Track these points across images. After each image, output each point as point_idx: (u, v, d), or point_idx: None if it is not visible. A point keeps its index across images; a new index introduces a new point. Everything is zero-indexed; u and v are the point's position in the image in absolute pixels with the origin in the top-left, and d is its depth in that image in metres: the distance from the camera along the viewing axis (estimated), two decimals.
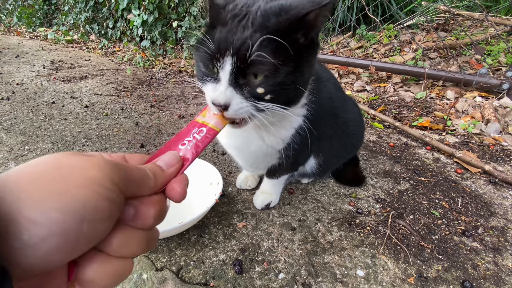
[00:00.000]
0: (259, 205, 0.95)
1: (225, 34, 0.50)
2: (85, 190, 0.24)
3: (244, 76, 0.52)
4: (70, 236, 0.23)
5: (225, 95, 0.51)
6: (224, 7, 0.53)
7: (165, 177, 0.34)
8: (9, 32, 4.51)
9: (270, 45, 0.49)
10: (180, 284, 0.70)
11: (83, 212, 0.23)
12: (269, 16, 0.50)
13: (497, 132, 1.53)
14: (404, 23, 2.62)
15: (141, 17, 2.95)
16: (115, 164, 0.28)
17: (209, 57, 0.52)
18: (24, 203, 0.21)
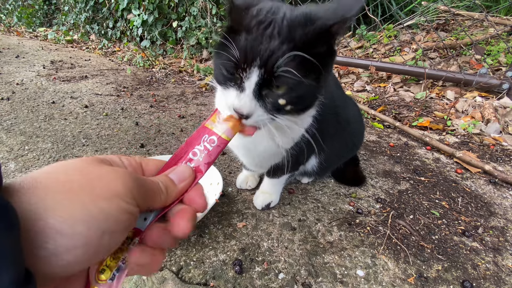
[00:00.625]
0: (259, 205, 0.95)
1: (251, 43, 0.49)
2: (109, 203, 0.25)
3: (268, 87, 0.52)
4: (91, 247, 0.24)
5: (250, 106, 0.51)
6: (246, 11, 0.52)
7: (176, 192, 0.35)
8: (9, 32, 4.51)
9: (297, 58, 0.49)
10: (180, 284, 0.70)
11: (105, 225, 0.24)
12: (295, 26, 0.49)
13: (497, 132, 1.53)
14: (404, 23, 2.62)
15: (141, 17, 2.95)
16: (136, 178, 0.29)
17: (233, 65, 0.51)
18: (52, 212, 0.22)
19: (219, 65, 0.55)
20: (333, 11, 0.48)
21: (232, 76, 0.53)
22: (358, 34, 2.78)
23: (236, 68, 0.51)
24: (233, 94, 0.53)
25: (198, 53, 2.94)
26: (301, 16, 0.49)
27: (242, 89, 0.52)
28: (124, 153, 1.27)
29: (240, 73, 0.51)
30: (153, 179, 0.33)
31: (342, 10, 0.47)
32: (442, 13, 2.64)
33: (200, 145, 0.41)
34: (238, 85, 0.53)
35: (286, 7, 0.52)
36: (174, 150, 1.32)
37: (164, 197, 0.33)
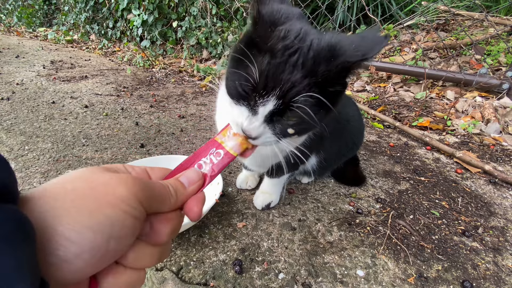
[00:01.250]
0: (259, 205, 0.95)
1: (273, 70, 0.48)
2: (114, 209, 0.26)
3: (280, 115, 0.51)
4: (98, 252, 0.25)
5: (259, 130, 0.51)
6: (273, 27, 0.50)
7: (186, 195, 0.35)
8: (9, 32, 4.51)
9: (315, 97, 0.49)
10: (180, 284, 0.70)
11: (110, 231, 0.25)
12: (319, 59, 0.48)
13: (497, 132, 1.53)
14: (404, 23, 2.62)
15: (141, 17, 2.95)
16: (141, 182, 0.29)
17: (251, 87, 0.50)
18: (61, 220, 0.23)
19: (235, 80, 0.52)
20: (356, 47, 0.47)
21: (247, 95, 0.51)
22: None
23: (253, 90, 0.50)
24: (243, 114, 0.52)
25: (198, 53, 2.94)
26: (326, 48, 0.48)
27: (255, 112, 0.51)
28: (124, 153, 1.27)
29: (256, 97, 0.50)
30: (162, 182, 0.33)
31: (365, 49, 0.47)
32: (442, 13, 2.64)
33: (206, 158, 0.41)
34: (251, 106, 0.51)
35: (314, 34, 0.50)
36: (174, 150, 1.32)
37: (174, 200, 0.33)
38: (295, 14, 0.53)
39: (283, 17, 0.51)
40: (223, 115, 0.78)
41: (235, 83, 0.52)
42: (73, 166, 1.15)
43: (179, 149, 1.33)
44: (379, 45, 0.48)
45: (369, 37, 0.49)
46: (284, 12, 0.52)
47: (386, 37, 0.48)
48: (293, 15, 0.52)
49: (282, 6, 0.53)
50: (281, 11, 0.52)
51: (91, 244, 0.24)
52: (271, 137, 0.54)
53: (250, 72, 0.49)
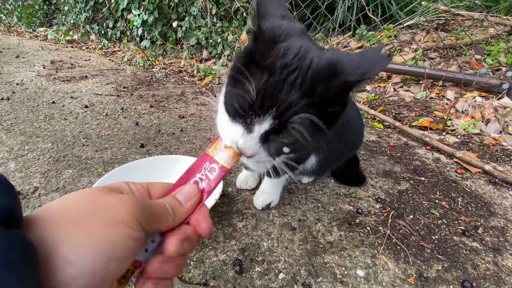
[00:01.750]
0: (260, 205, 0.95)
1: (271, 89, 0.47)
2: (115, 231, 0.26)
3: (276, 134, 0.50)
4: (98, 274, 0.25)
5: (254, 149, 0.51)
6: (273, 44, 0.50)
7: (184, 212, 0.35)
8: (9, 32, 4.51)
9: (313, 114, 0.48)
10: (180, 284, 0.70)
11: (111, 253, 0.25)
12: (318, 79, 0.47)
13: (497, 132, 1.53)
14: (404, 23, 2.62)
15: (141, 17, 2.95)
16: (140, 203, 0.30)
17: (248, 106, 0.49)
18: (62, 243, 0.24)
19: (232, 96, 0.52)
20: (356, 66, 0.47)
21: (243, 113, 0.51)
22: (358, 34, 2.78)
23: (249, 108, 0.49)
24: (239, 131, 0.51)
25: (198, 53, 2.94)
26: (326, 66, 0.47)
27: (250, 130, 0.50)
28: (124, 153, 1.27)
29: (253, 116, 0.49)
30: (159, 201, 0.34)
31: (366, 68, 0.46)
32: (442, 13, 2.64)
33: (201, 174, 0.41)
34: (246, 124, 0.51)
35: (314, 52, 0.49)
36: (174, 150, 1.32)
37: (171, 219, 0.33)
38: (296, 31, 0.52)
39: (284, 34, 0.50)
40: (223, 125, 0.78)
41: (232, 101, 0.51)
42: (73, 166, 1.15)
43: (179, 149, 1.33)
44: (381, 64, 0.47)
45: (371, 55, 0.48)
46: (285, 28, 0.51)
47: (388, 56, 0.47)
48: (294, 32, 0.51)
49: (283, 22, 0.52)
50: (282, 28, 0.51)
51: (91, 267, 0.24)
52: (265, 157, 0.53)
53: (248, 89, 0.48)
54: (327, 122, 0.50)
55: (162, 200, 0.34)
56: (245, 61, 0.52)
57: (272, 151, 0.53)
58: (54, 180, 1.06)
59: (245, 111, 0.50)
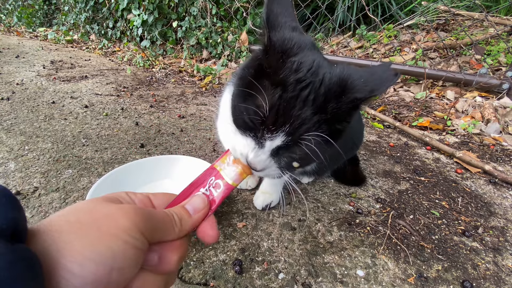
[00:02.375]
0: (260, 205, 0.95)
1: (284, 105, 0.46)
2: (116, 240, 0.26)
3: (286, 148, 0.50)
4: (101, 284, 0.25)
5: (265, 163, 0.50)
6: (285, 58, 0.48)
7: (191, 223, 0.35)
8: (9, 32, 4.51)
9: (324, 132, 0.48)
10: (180, 284, 0.70)
11: (113, 262, 0.25)
12: (330, 95, 0.47)
13: (497, 132, 1.53)
14: (404, 23, 2.62)
15: (141, 17, 2.95)
16: (143, 212, 0.29)
17: (259, 121, 0.48)
18: (64, 253, 0.24)
19: (242, 109, 0.50)
20: (365, 82, 0.47)
21: (254, 127, 0.49)
22: (358, 34, 2.78)
23: (261, 123, 0.48)
24: (249, 145, 0.50)
25: (198, 53, 2.94)
26: (337, 83, 0.47)
27: (261, 145, 0.49)
28: (124, 153, 1.27)
29: (265, 131, 0.48)
30: (166, 211, 0.33)
31: (374, 85, 0.46)
32: (442, 13, 2.64)
33: (205, 188, 0.40)
34: (257, 138, 0.49)
35: (326, 67, 0.49)
36: (174, 150, 1.32)
37: (178, 229, 0.33)
38: (307, 44, 0.51)
39: (296, 47, 0.49)
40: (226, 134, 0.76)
41: (242, 114, 0.50)
42: (73, 166, 1.15)
43: (179, 149, 1.33)
44: (388, 82, 0.47)
45: (379, 73, 0.48)
46: (296, 41, 0.50)
47: (396, 75, 0.47)
48: (305, 45, 0.50)
49: (294, 34, 0.51)
50: (293, 40, 0.50)
51: (93, 276, 0.24)
52: (276, 170, 0.53)
53: (260, 104, 0.47)
54: (335, 138, 0.49)
55: (170, 210, 0.34)
56: (255, 74, 0.50)
57: (282, 164, 0.52)
58: (54, 180, 1.06)
59: (256, 126, 0.49)
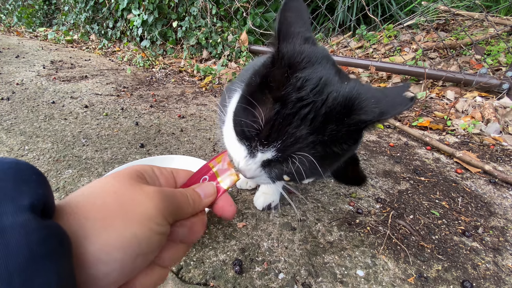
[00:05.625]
0: (260, 205, 0.95)
1: (280, 121, 0.45)
2: (141, 228, 0.27)
3: (278, 161, 0.49)
4: (126, 269, 0.26)
5: (254, 173, 0.50)
6: (291, 73, 0.46)
7: (201, 206, 0.36)
8: (9, 32, 4.51)
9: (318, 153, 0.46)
10: (180, 284, 0.70)
11: (138, 249, 0.26)
12: (331, 118, 0.45)
13: (497, 132, 1.53)
14: (404, 23, 2.62)
15: (141, 17, 2.95)
16: (166, 196, 0.30)
17: (254, 133, 0.48)
18: (92, 241, 0.24)
19: (242, 117, 0.50)
20: (375, 104, 0.44)
21: (250, 136, 0.49)
22: (358, 34, 2.78)
23: (256, 135, 0.48)
24: (241, 153, 0.50)
25: (198, 53, 2.94)
26: (342, 103, 0.45)
27: (253, 155, 0.49)
28: (124, 153, 1.27)
29: (258, 143, 0.47)
30: (181, 191, 0.34)
31: (384, 107, 0.43)
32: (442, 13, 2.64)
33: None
34: (251, 148, 0.49)
35: (334, 85, 0.46)
36: (174, 150, 1.32)
37: (191, 210, 0.34)
38: (319, 57, 0.48)
39: (304, 61, 0.47)
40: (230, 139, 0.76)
41: (241, 122, 0.50)
42: (73, 166, 1.15)
43: (179, 149, 1.33)
44: (402, 107, 0.44)
45: (393, 95, 0.46)
46: (306, 55, 0.47)
47: (411, 99, 0.44)
48: (316, 59, 0.48)
49: (306, 47, 0.48)
50: (303, 54, 0.47)
51: (119, 263, 0.25)
52: (266, 180, 0.53)
53: (257, 116, 0.46)
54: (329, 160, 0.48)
55: (184, 190, 0.35)
56: (259, 83, 0.49)
57: (272, 175, 0.52)
58: (54, 180, 1.06)
59: (251, 135, 0.49)
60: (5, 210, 0.19)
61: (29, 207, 0.21)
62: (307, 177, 0.50)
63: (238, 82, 0.72)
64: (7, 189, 0.21)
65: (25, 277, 0.18)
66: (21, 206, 0.20)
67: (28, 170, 0.23)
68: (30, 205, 0.21)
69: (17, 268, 0.18)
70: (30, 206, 0.21)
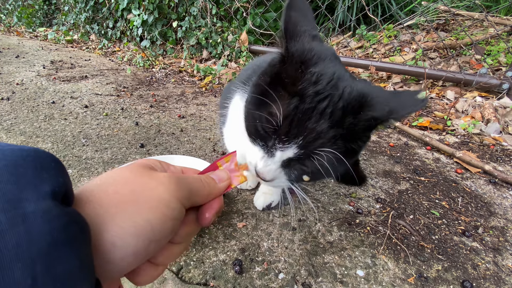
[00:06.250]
0: (261, 205, 0.95)
1: (299, 116, 0.44)
2: (154, 213, 0.27)
3: (297, 160, 0.48)
4: (140, 254, 0.27)
5: (274, 174, 0.49)
6: (303, 68, 0.46)
7: (217, 190, 0.36)
8: (9, 32, 4.51)
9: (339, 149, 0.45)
10: (180, 284, 0.70)
11: (151, 235, 0.27)
12: (348, 110, 0.45)
13: (497, 132, 1.53)
14: (404, 23, 2.62)
15: (141, 17, 2.95)
16: (178, 180, 0.30)
17: (272, 130, 0.46)
18: (106, 227, 0.25)
19: (255, 116, 0.49)
20: (385, 103, 0.44)
21: (266, 135, 0.48)
22: (358, 34, 2.78)
23: (273, 132, 0.46)
24: (257, 154, 0.49)
25: (198, 53, 2.94)
26: (357, 98, 0.45)
27: (272, 154, 0.48)
28: (124, 153, 1.27)
29: (276, 141, 0.46)
30: (194, 176, 0.35)
31: (394, 107, 0.44)
32: (442, 13, 2.64)
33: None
34: (268, 147, 0.48)
35: (346, 80, 0.46)
36: (174, 150, 1.32)
37: (207, 192, 0.34)
38: (328, 54, 0.48)
39: (315, 58, 0.47)
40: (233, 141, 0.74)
41: (255, 123, 0.49)
42: (73, 166, 1.15)
43: (179, 149, 1.33)
44: (412, 107, 0.44)
45: (404, 95, 0.46)
46: (316, 51, 0.47)
47: (423, 100, 0.44)
48: (325, 56, 0.48)
49: (314, 44, 0.48)
50: (313, 51, 0.47)
51: (134, 248, 0.26)
52: (285, 182, 0.51)
53: (274, 113, 0.45)
54: (347, 157, 0.47)
55: (197, 176, 0.35)
56: (270, 81, 0.49)
57: (292, 177, 0.51)
58: None
59: (268, 134, 0.48)
60: (27, 197, 0.19)
61: (50, 194, 0.21)
62: (327, 176, 0.49)
63: (238, 82, 0.71)
64: (28, 176, 0.21)
65: (48, 263, 0.18)
66: (42, 193, 0.20)
67: (47, 158, 0.23)
68: (52, 192, 0.21)
69: (40, 254, 0.18)
70: (52, 193, 0.21)
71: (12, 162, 0.20)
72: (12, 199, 0.19)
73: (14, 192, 0.19)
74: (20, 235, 0.18)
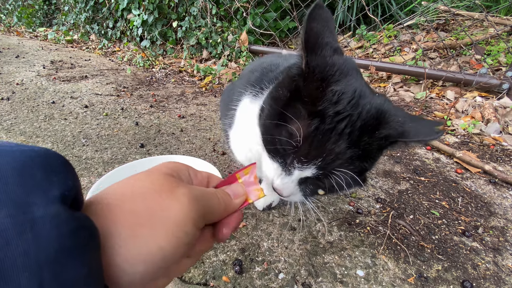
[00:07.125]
0: (261, 206, 0.94)
1: (320, 137, 0.44)
2: (169, 240, 0.26)
3: (315, 179, 0.48)
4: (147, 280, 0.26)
5: (291, 191, 0.49)
6: (324, 86, 0.45)
7: (232, 206, 0.36)
8: (9, 32, 4.51)
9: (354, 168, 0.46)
10: (180, 284, 0.70)
11: (162, 263, 0.26)
12: (365, 129, 0.45)
13: (497, 132, 1.53)
14: (404, 23, 2.62)
15: (141, 17, 2.95)
16: (197, 200, 0.29)
17: (291, 150, 0.46)
18: (118, 251, 0.24)
19: (274, 134, 0.48)
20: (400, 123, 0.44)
21: (285, 153, 0.48)
22: (358, 34, 2.78)
23: (292, 153, 0.46)
24: (276, 170, 0.49)
25: (198, 53, 2.94)
26: (374, 115, 0.45)
27: (289, 172, 0.48)
28: (124, 153, 1.27)
29: (295, 161, 0.46)
30: (211, 190, 0.34)
31: (407, 130, 0.43)
32: (442, 13, 2.64)
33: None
34: (286, 165, 0.48)
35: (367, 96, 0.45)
36: (174, 150, 1.32)
37: (222, 209, 0.33)
38: (350, 69, 0.47)
39: (337, 74, 0.45)
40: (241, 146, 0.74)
41: (275, 140, 0.48)
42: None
43: (179, 149, 1.33)
44: (427, 136, 0.43)
45: (421, 122, 0.45)
46: (338, 67, 0.46)
47: (438, 133, 0.43)
48: (347, 70, 0.46)
49: (336, 58, 0.47)
50: (335, 66, 0.46)
51: (142, 275, 0.25)
52: (300, 197, 0.52)
53: (294, 133, 0.45)
54: (360, 175, 0.48)
55: (214, 190, 0.34)
56: (290, 97, 0.48)
57: (307, 192, 0.51)
58: None
59: (287, 153, 0.47)
60: (36, 201, 0.19)
61: (59, 197, 0.20)
62: (341, 191, 0.49)
63: (246, 84, 0.69)
64: (37, 179, 0.20)
65: (55, 270, 0.18)
66: (52, 197, 0.20)
67: (57, 160, 0.23)
68: (61, 196, 0.20)
69: (47, 260, 0.18)
70: (61, 197, 0.20)
71: (21, 163, 0.20)
72: (20, 203, 0.18)
73: (22, 196, 0.19)
74: (28, 242, 0.17)
